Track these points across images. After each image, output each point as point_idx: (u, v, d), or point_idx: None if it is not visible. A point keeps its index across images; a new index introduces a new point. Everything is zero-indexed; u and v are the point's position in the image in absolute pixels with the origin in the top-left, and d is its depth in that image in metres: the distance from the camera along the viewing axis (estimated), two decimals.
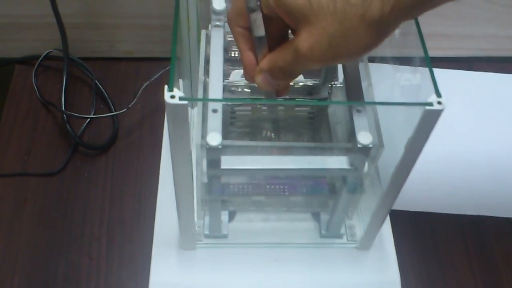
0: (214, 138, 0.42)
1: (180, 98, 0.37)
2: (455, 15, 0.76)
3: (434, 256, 0.65)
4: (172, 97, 0.37)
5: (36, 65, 0.76)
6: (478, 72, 0.81)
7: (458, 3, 0.74)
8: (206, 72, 0.52)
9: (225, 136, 0.43)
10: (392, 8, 0.34)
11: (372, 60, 0.52)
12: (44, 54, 0.75)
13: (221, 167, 0.45)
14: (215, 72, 0.46)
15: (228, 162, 0.45)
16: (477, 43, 0.80)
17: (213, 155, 0.44)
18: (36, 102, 0.75)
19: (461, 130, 0.75)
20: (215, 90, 0.45)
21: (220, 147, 0.42)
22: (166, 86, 0.61)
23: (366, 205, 0.57)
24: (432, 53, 0.43)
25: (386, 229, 0.59)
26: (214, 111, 0.44)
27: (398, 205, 0.64)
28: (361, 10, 0.34)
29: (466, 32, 0.78)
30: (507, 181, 0.71)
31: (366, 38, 0.35)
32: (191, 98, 0.45)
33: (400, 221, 0.64)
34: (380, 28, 0.35)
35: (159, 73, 0.69)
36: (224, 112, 0.45)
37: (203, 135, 0.44)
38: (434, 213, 0.68)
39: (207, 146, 0.42)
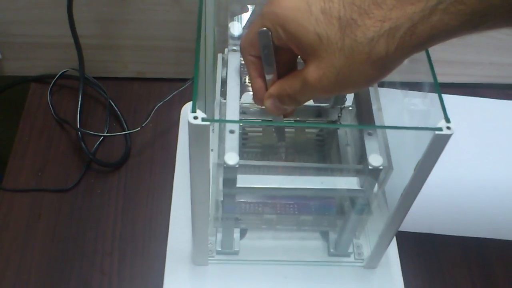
0: (232, 158, 0.44)
1: (203, 119, 0.39)
2: (461, 42, 0.78)
3: (438, 277, 0.66)
4: (195, 118, 0.39)
5: (51, 83, 0.78)
6: (482, 98, 0.83)
7: None
8: (221, 94, 0.54)
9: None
10: (396, 48, 0.36)
11: (381, 85, 0.54)
12: (60, 73, 0.78)
13: (237, 185, 0.47)
14: (232, 94, 0.49)
15: (243, 180, 0.47)
16: (482, 70, 0.82)
17: (230, 174, 0.46)
18: (51, 120, 0.76)
19: (465, 154, 0.76)
20: (233, 111, 0.47)
21: (237, 166, 0.44)
22: (184, 106, 0.63)
23: (373, 226, 0.59)
24: (437, 79, 0.45)
25: (392, 249, 0.60)
26: (231, 131, 0.46)
27: (403, 227, 0.65)
28: (367, 48, 0.36)
29: (471, 59, 0.81)
30: (510, 204, 0.72)
31: (371, 73, 0.38)
32: (213, 120, 0.47)
33: (405, 242, 0.65)
34: (384, 65, 0.38)
35: (172, 94, 0.71)
36: None
37: (220, 155, 0.46)
38: (438, 234, 0.69)
39: (225, 165, 0.44)
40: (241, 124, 0.58)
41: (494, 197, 0.73)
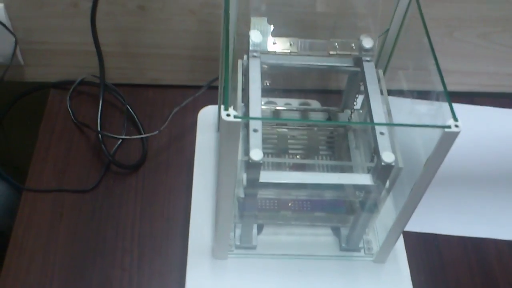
0: (256, 154, 0.48)
1: (235, 117, 0.42)
2: (459, 53, 0.82)
3: (441, 273, 0.70)
4: (228, 115, 0.42)
5: (71, 89, 0.82)
6: (479, 106, 0.87)
7: (462, 42, 0.80)
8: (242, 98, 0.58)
9: None
10: None
11: (389, 93, 0.58)
12: (79, 79, 0.81)
13: (260, 181, 0.50)
14: (254, 97, 0.52)
15: (266, 176, 0.51)
16: (479, 79, 0.87)
17: (253, 169, 0.49)
18: (70, 124, 0.80)
19: (464, 159, 0.80)
20: (256, 112, 0.51)
21: (261, 162, 0.48)
22: (201, 111, 0.66)
23: (382, 222, 0.63)
24: (437, 87, 0.49)
25: (400, 244, 0.64)
26: (255, 130, 0.50)
27: (408, 227, 0.69)
28: None
29: (469, 69, 0.85)
30: (506, 206, 0.77)
31: None
32: (244, 117, 0.50)
33: (410, 241, 0.69)
34: None
35: (188, 99, 0.75)
36: None
37: (244, 153, 0.50)
38: (441, 234, 0.73)
39: (250, 161, 0.48)
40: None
41: (492, 200, 0.77)
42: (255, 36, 0.56)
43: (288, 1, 0.68)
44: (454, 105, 0.88)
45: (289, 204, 0.59)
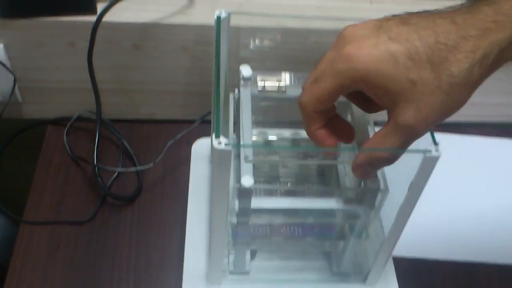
0: (247, 180, 0.50)
1: (226, 144, 0.45)
2: None
3: None
4: (219, 143, 0.45)
5: (68, 125, 0.84)
6: (465, 136, 0.90)
7: None
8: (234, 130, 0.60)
9: None
10: (488, 70, 0.42)
11: (376, 123, 0.61)
12: (76, 116, 0.84)
13: (251, 207, 0.53)
14: (245, 127, 0.55)
15: (257, 202, 0.53)
16: (465, 110, 0.89)
17: (245, 196, 0.51)
18: (67, 158, 0.82)
19: (451, 186, 0.83)
20: (247, 140, 0.53)
21: (252, 188, 0.50)
22: (194, 143, 0.69)
23: (371, 246, 0.64)
24: None
25: (390, 268, 0.65)
26: (246, 158, 0.52)
27: (398, 252, 0.71)
28: (464, 79, 0.41)
29: None
30: (494, 231, 0.79)
31: (468, 96, 0.43)
32: (235, 144, 0.53)
33: (400, 266, 0.70)
34: (477, 85, 0.43)
35: (182, 133, 0.77)
36: None
37: (236, 180, 0.52)
38: (430, 259, 0.74)
39: (241, 187, 0.50)
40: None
41: (480, 225, 0.79)
42: (245, 70, 0.59)
43: (277, 37, 0.71)
44: (441, 134, 0.91)
45: (281, 230, 0.60)
